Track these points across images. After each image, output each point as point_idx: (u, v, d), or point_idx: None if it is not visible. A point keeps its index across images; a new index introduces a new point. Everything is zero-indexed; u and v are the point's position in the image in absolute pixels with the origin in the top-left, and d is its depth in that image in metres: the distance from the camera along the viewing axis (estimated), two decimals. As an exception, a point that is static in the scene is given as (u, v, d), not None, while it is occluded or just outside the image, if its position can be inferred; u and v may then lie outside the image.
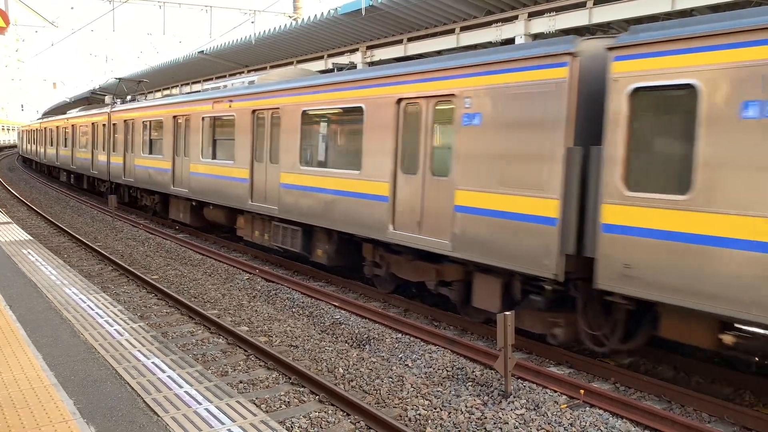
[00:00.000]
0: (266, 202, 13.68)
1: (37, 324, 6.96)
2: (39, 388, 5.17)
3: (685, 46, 6.43)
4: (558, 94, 7.55)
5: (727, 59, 6.10)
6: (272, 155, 13.58)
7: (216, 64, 28.55)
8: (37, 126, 45.10)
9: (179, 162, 18.24)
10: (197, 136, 16.86)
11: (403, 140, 10.03)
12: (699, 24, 6.42)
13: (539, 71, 7.80)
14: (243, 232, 15.19)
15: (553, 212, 7.60)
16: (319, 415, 6.60)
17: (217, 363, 8.18)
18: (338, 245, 12.01)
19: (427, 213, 9.49)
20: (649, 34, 6.75)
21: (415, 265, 10.30)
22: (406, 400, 7.03)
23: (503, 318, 7.05)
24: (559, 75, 7.55)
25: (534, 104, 7.85)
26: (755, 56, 5.88)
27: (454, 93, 9.03)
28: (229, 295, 11.74)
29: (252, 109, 14.16)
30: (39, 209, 24.32)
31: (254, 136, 14.23)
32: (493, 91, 8.45)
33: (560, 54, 7.53)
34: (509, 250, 8.16)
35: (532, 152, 7.88)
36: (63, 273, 9.74)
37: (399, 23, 17.76)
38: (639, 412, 6.70)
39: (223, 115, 15.57)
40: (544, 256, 7.69)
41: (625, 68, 6.92)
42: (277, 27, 21.83)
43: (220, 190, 15.57)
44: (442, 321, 10.22)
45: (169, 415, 4.76)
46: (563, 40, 7.69)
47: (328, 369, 8.02)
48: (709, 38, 6.24)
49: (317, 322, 10.06)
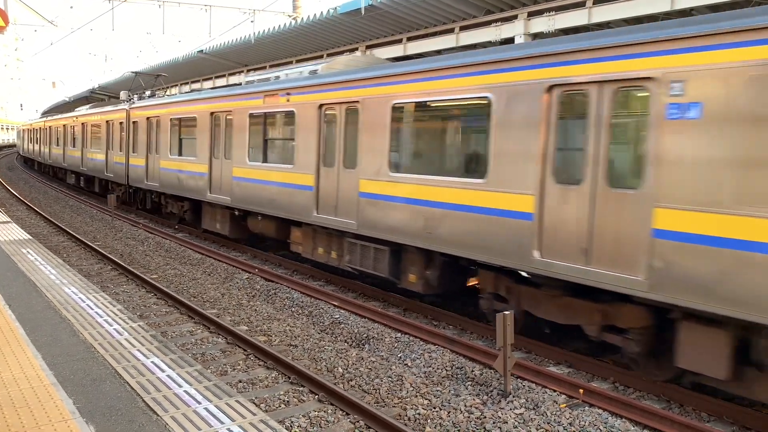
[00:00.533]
0: (338, 214, 11.49)
1: (36, 323, 6.96)
2: (38, 388, 5.17)
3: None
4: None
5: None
6: (347, 158, 11.35)
7: (215, 63, 28.54)
8: (40, 125, 42.92)
9: (218, 165, 15.95)
10: (243, 135, 14.62)
11: (557, 138, 7.72)
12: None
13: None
14: (301, 248, 13.09)
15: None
16: (319, 415, 6.60)
17: (217, 362, 8.18)
18: (441, 270, 9.92)
19: (601, 237, 7.08)
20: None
21: (565, 303, 8.05)
22: (405, 400, 7.04)
23: (502, 317, 7.05)
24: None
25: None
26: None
27: (653, 76, 6.63)
28: (228, 294, 11.74)
29: (319, 103, 11.98)
30: (38, 208, 24.31)
31: (321, 135, 12.02)
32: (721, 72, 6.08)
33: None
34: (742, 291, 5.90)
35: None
36: (62, 272, 9.73)
37: (398, 23, 17.76)
38: (638, 411, 6.70)
39: (279, 110, 13.35)
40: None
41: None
42: (277, 26, 21.84)
43: (274, 198, 13.39)
44: (441, 320, 10.22)
45: (168, 415, 4.76)
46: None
47: (327, 368, 8.02)
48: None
49: (317, 322, 10.07)
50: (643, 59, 6.73)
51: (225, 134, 15.65)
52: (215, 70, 30.10)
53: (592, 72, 7.22)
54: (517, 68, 8.13)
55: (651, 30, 6.74)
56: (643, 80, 6.75)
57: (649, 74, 6.66)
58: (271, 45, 23.34)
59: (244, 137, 14.57)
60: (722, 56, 6.07)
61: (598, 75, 7.15)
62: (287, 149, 13.15)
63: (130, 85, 29.12)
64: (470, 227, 8.73)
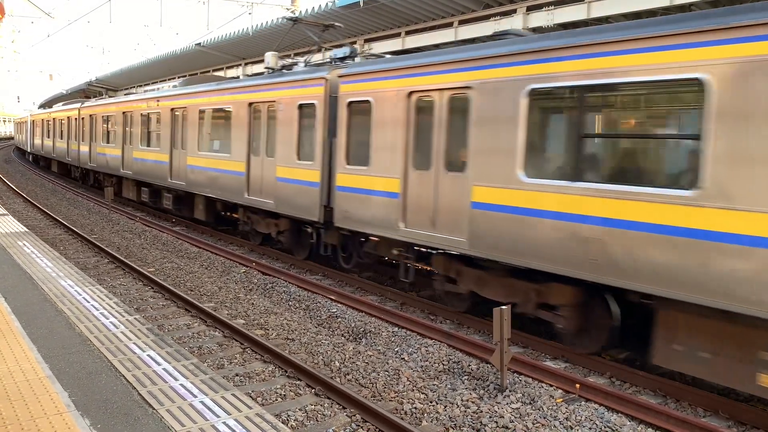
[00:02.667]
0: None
1: (32, 316, 6.94)
2: (34, 380, 5.15)
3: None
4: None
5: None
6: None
7: (213, 56, 28.45)
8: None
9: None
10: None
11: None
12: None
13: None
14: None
15: None
16: (315, 408, 6.60)
17: (213, 356, 8.17)
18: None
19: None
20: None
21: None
22: (402, 394, 7.04)
23: (499, 312, 7.05)
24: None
25: None
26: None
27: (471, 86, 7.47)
28: (225, 288, 11.72)
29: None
30: (35, 201, 24.24)
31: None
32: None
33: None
34: None
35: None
36: (59, 265, 9.71)
37: (397, 16, 17.71)
38: (634, 406, 6.71)
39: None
40: None
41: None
42: (275, 19, 21.76)
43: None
44: (438, 315, 10.22)
45: (164, 408, 4.75)
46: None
47: (324, 362, 8.01)
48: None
49: (314, 316, 10.06)
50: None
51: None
52: (213, 63, 30.01)
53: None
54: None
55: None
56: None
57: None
58: (270, 38, 23.26)
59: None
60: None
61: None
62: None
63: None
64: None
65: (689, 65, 6.45)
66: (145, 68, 35.55)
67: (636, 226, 6.85)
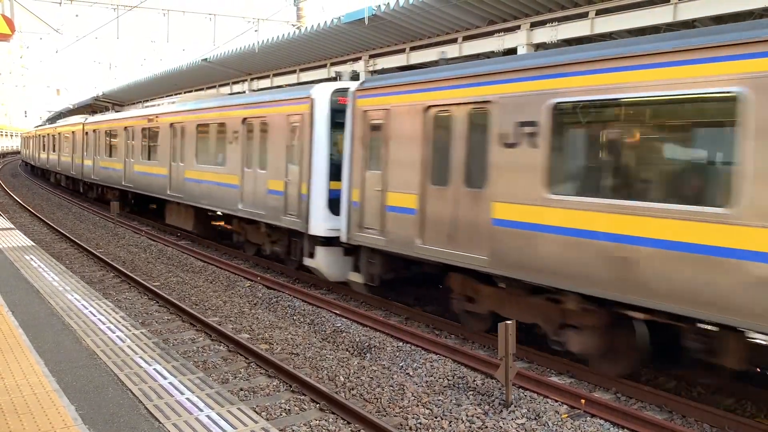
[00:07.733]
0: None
1: (39, 330, 6.98)
2: (41, 394, 5.18)
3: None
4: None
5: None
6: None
7: (219, 71, 28.66)
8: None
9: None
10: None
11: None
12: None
13: None
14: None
15: None
16: (320, 423, 6.60)
17: (218, 370, 8.19)
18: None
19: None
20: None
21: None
22: (406, 409, 7.03)
23: (504, 327, 7.05)
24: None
25: None
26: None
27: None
28: (230, 302, 11.75)
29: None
30: (41, 215, 24.37)
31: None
32: None
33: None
34: None
35: None
36: (65, 279, 9.76)
37: (402, 32, 17.83)
38: (640, 422, 6.69)
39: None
40: None
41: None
42: (281, 35, 21.93)
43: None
44: (443, 330, 10.21)
45: (170, 422, 4.77)
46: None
47: (328, 377, 8.02)
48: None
49: (318, 330, 10.07)
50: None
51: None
52: (219, 79, 30.21)
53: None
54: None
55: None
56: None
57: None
58: (275, 54, 23.43)
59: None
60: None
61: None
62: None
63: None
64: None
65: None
66: (152, 83, 35.77)
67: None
